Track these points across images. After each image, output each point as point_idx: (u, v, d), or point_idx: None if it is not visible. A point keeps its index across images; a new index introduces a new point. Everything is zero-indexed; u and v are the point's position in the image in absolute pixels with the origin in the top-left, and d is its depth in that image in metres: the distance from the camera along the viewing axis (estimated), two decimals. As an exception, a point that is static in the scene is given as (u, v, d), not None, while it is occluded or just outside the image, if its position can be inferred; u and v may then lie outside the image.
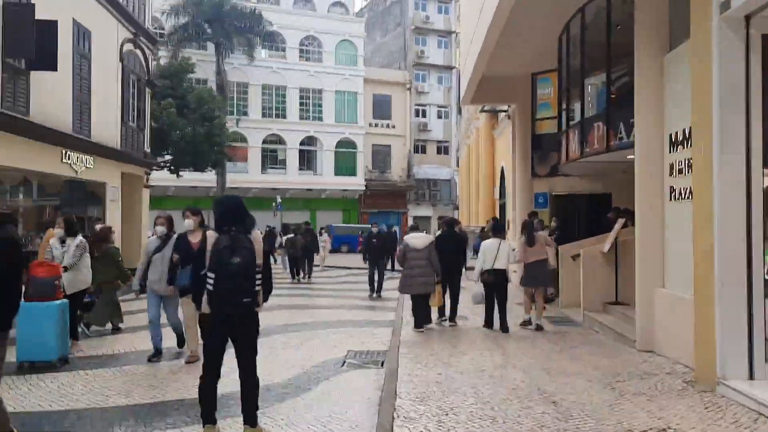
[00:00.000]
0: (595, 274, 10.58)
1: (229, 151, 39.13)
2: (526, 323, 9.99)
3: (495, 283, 9.64)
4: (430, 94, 48.28)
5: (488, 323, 9.82)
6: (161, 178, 33.17)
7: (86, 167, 14.80)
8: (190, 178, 38.24)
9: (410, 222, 43.98)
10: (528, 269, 9.94)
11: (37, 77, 12.34)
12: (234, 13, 36.01)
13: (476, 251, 16.44)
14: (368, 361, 7.73)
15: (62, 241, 7.95)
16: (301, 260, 19.13)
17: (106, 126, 16.11)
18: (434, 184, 48.69)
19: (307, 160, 43.10)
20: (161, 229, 7.58)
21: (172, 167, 23.67)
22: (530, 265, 9.89)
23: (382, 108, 45.93)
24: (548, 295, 13.38)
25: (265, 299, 4.80)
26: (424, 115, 48.29)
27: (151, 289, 7.51)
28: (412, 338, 9.03)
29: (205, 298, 4.53)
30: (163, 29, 36.61)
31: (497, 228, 10.39)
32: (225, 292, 4.46)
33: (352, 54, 43.81)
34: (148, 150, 19.76)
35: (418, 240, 9.72)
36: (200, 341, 6.76)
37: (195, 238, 6.87)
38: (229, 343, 4.69)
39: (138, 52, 18.42)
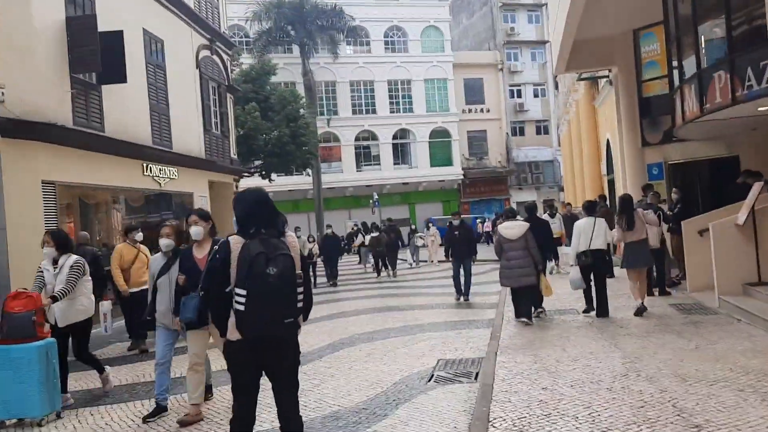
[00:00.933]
0: (731, 251, 8.87)
1: (322, 151, 39.44)
2: (640, 312, 8.82)
3: (593, 265, 8.97)
4: (524, 72, 46.06)
5: (601, 311, 8.97)
6: (256, 184, 33.45)
7: (170, 178, 14.62)
8: (285, 182, 38.63)
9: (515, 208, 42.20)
10: (627, 249, 9.14)
11: (110, 91, 12.15)
12: (315, 12, 35.73)
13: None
14: (460, 372, 6.62)
15: (54, 262, 6.24)
16: (388, 257, 19.08)
17: (188, 135, 15.92)
18: (536, 167, 46.45)
19: (401, 154, 42.31)
20: (166, 243, 5.75)
21: (263, 172, 23.50)
22: (629, 245, 9.09)
23: (474, 92, 44.33)
24: (673, 278, 11.74)
25: (305, 317, 3.79)
26: (519, 95, 46.16)
27: (160, 322, 5.73)
28: (512, 341, 7.83)
29: (232, 320, 3.55)
30: (249, 36, 37.05)
31: (590, 207, 9.59)
32: (262, 312, 3.43)
33: (438, 40, 42.52)
34: (235, 156, 19.57)
35: (512, 230, 8.92)
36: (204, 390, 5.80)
37: (201, 252, 5.40)
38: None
39: (215, 57, 18.20)
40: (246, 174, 22.67)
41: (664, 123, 14.24)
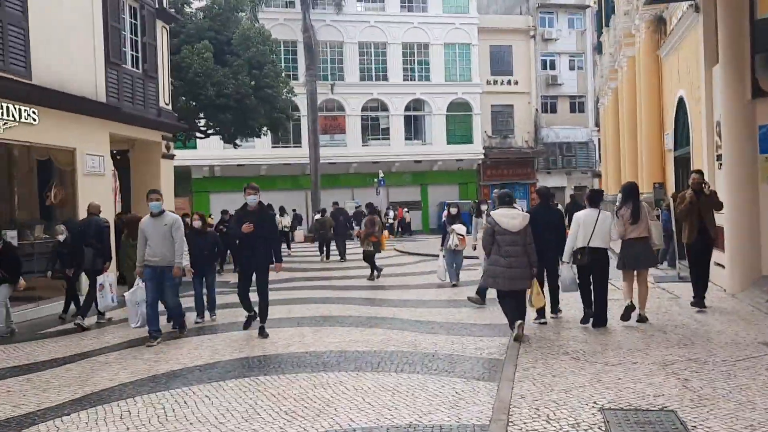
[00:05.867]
0: None
1: (323, 122, 34.32)
2: (627, 313, 7.74)
3: (592, 265, 7.72)
4: (560, 40, 40.27)
5: (598, 320, 7.72)
6: (213, 152, 28.99)
7: (19, 122, 9.63)
8: (281, 154, 33.87)
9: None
10: (626, 247, 7.95)
11: None
12: (320, -42, 30.46)
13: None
14: None
15: None
16: (337, 242, 18.19)
17: (71, 64, 10.94)
18: (568, 149, 40.71)
19: (414, 128, 37.09)
20: None
21: (224, 135, 18.47)
22: (629, 242, 7.92)
23: (501, 61, 38.74)
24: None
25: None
26: (552, 67, 40.44)
27: None
28: None
29: None
30: (242, -16, 31.99)
31: (595, 197, 8.23)
32: None
33: (462, -1, 36.95)
34: (167, 106, 14.54)
35: (513, 219, 7.22)
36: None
37: None
38: None
39: (137, -34, 13.14)
40: (199, 134, 17.69)
41: (794, 59, 8.88)
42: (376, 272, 13.51)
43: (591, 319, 7.77)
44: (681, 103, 13.40)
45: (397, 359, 6.44)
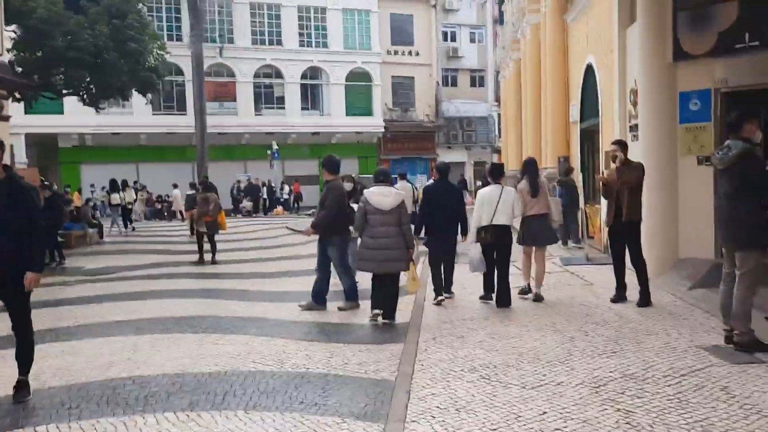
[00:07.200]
0: None
1: (212, 88, 31.66)
2: (524, 292, 7.85)
3: (495, 243, 7.46)
4: (460, 11, 39.40)
5: (487, 293, 7.65)
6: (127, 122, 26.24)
7: None
8: (164, 122, 31.02)
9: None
10: (527, 224, 7.75)
11: None
12: None
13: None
14: None
15: None
16: None
17: None
18: (468, 123, 40.20)
19: (311, 98, 35.19)
20: None
21: (83, 95, 15.86)
22: (530, 219, 7.71)
23: (401, 31, 37.46)
24: None
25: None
26: (453, 39, 39.59)
27: None
28: None
29: None
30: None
31: (495, 171, 7.88)
32: None
33: (361, -38, 35.16)
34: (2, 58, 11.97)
35: (385, 197, 6.79)
36: None
37: None
38: None
39: None
40: (49, 94, 15.06)
41: (721, 16, 7.88)
42: (213, 255, 12.49)
43: (493, 297, 7.53)
44: (589, 70, 12.42)
45: (253, 386, 4.81)
